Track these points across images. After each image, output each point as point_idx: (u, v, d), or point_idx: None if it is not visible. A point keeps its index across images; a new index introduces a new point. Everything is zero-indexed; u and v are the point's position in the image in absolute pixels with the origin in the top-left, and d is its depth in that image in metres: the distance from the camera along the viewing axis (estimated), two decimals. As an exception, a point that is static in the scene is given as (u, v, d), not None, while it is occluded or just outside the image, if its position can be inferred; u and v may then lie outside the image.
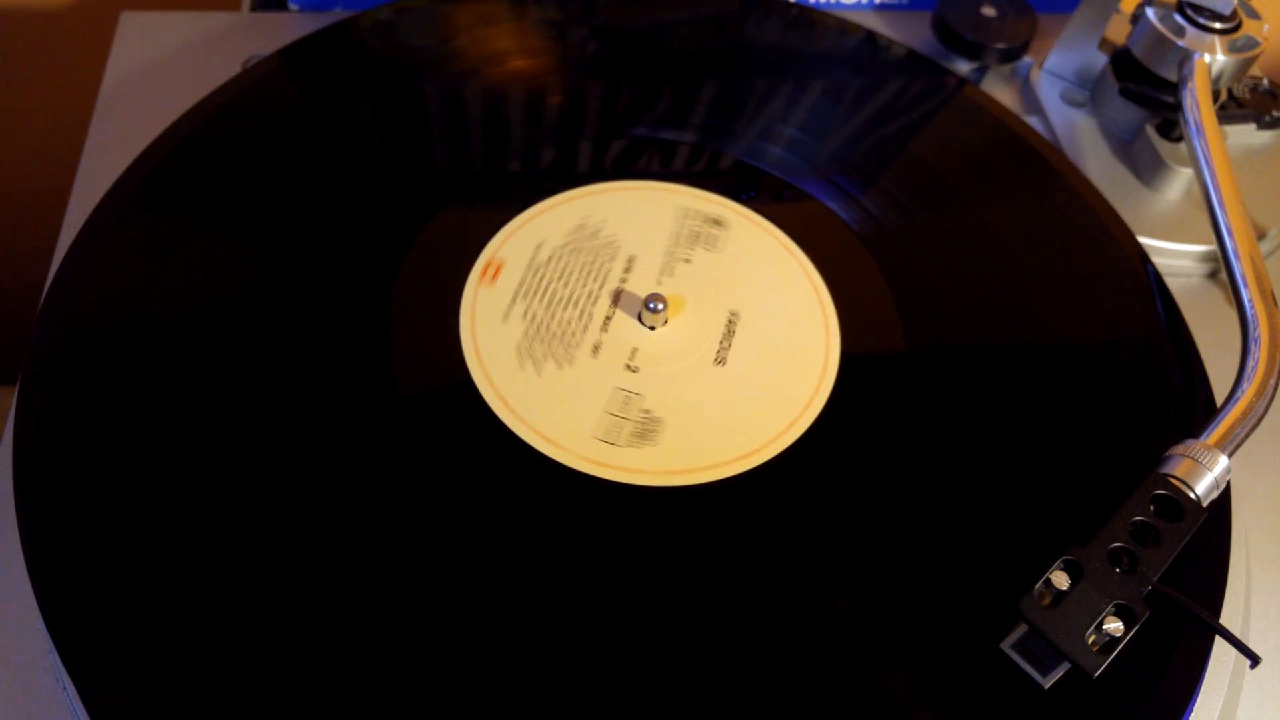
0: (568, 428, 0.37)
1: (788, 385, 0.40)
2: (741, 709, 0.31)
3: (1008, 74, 0.58)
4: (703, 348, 0.41)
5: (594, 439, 0.37)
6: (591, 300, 0.41)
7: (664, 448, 0.37)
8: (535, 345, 0.39)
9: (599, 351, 0.40)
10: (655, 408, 0.38)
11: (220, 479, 0.35)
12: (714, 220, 0.45)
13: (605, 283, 0.42)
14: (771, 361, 0.40)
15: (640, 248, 0.44)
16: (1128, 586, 0.31)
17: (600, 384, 0.39)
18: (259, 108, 0.47)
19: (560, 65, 0.52)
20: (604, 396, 0.38)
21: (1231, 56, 0.48)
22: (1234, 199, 0.43)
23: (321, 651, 0.31)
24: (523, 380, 0.38)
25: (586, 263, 0.43)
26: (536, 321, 0.40)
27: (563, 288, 0.41)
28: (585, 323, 0.40)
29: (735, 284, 0.43)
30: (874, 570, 0.35)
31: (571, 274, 0.42)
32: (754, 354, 0.41)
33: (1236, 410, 0.36)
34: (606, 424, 0.37)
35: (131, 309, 0.39)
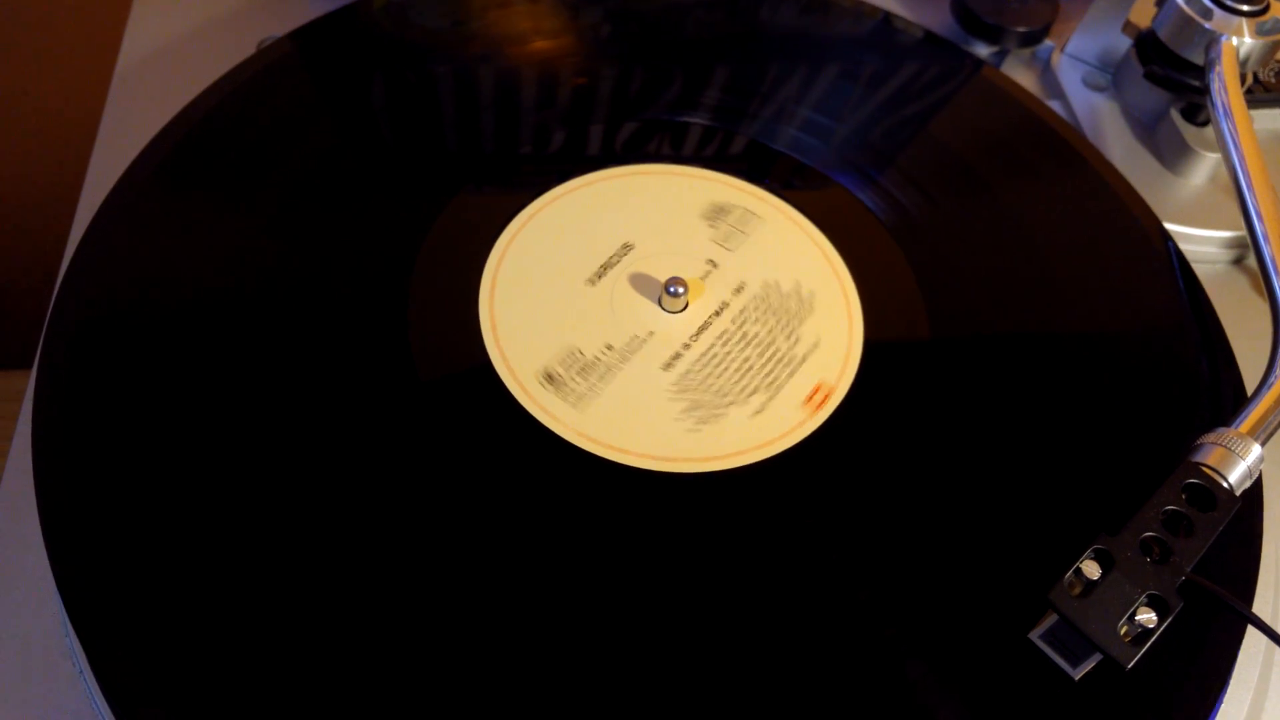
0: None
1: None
2: (764, 698, 0.31)
3: (1028, 58, 0.57)
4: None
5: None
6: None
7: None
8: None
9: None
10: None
11: (238, 459, 0.34)
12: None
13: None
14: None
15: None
16: (1161, 577, 0.31)
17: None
18: (273, 90, 0.46)
19: (576, 47, 0.51)
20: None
21: (1259, 39, 0.47)
22: (1264, 183, 0.42)
23: (342, 635, 0.31)
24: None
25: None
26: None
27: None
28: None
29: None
30: (899, 559, 0.34)
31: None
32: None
33: (1270, 397, 0.35)
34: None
35: (147, 292, 0.38)
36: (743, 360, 0.39)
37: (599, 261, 0.42)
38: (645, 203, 0.44)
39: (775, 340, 0.40)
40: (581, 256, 0.42)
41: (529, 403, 0.37)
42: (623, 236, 0.43)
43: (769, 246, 0.43)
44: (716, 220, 0.44)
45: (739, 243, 0.43)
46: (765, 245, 0.43)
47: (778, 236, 0.44)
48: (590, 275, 0.41)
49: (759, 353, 0.39)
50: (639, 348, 0.39)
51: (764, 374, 0.39)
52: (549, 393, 0.37)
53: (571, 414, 0.37)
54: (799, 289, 0.42)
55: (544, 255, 0.42)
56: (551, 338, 0.39)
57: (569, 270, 0.41)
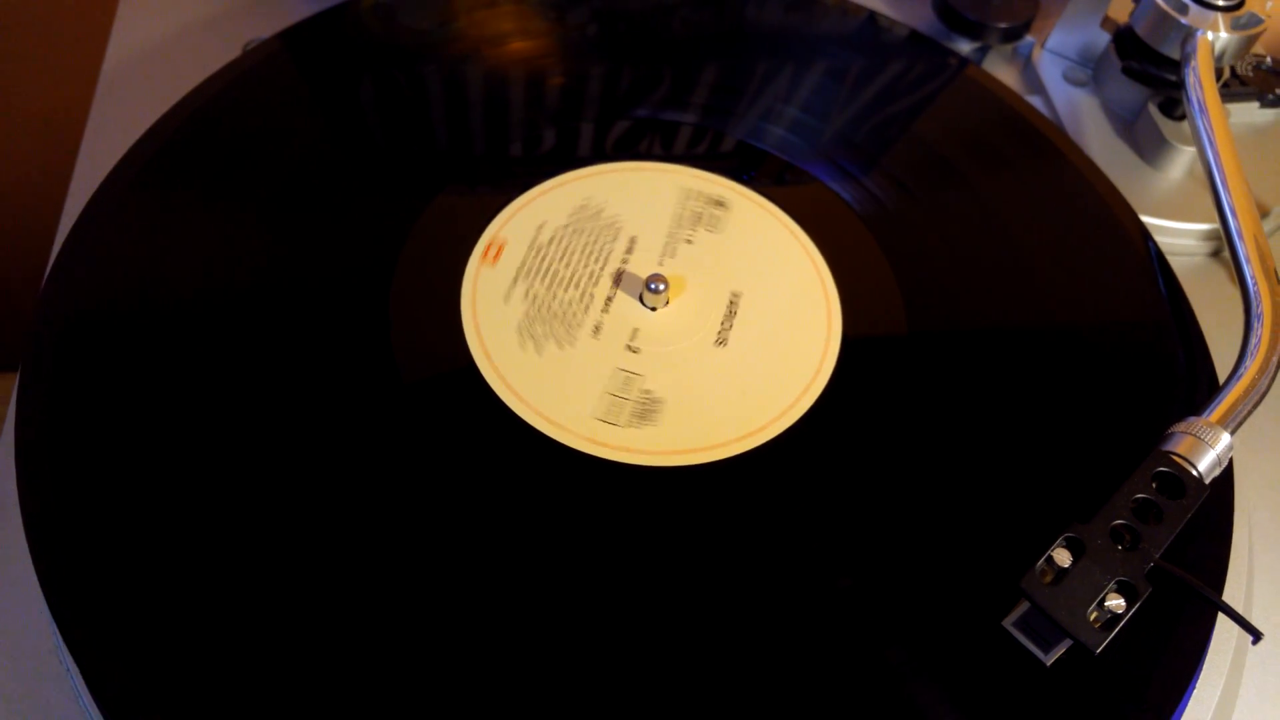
0: (568, 407, 0.37)
1: (789, 366, 0.40)
2: (743, 687, 0.31)
3: (1009, 54, 0.58)
4: (704, 329, 0.40)
5: (594, 419, 0.37)
6: (593, 281, 0.41)
7: (664, 428, 0.37)
8: (536, 325, 0.39)
9: (600, 332, 0.40)
10: (656, 388, 0.38)
11: (223, 460, 0.35)
12: (716, 201, 0.45)
13: (607, 263, 0.42)
14: (773, 343, 0.40)
15: (642, 228, 0.43)
16: (1130, 563, 0.31)
17: (601, 364, 0.39)
18: (260, 90, 0.46)
19: (560, 47, 0.51)
20: (604, 377, 0.38)
21: (1234, 34, 0.48)
22: (1237, 176, 0.42)
23: (325, 632, 0.31)
24: (523, 360, 0.38)
25: (588, 243, 0.42)
26: (538, 302, 0.40)
27: (564, 268, 0.41)
28: (586, 303, 0.40)
29: (737, 265, 0.43)
30: (876, 549, 0.35)
31: (573, 255, 0.42)
32: (755, 335, 0.41)
33: (1239, 387, 0.36)
34: (607, 404, 0.37)
35: (132, 293, 0.39)
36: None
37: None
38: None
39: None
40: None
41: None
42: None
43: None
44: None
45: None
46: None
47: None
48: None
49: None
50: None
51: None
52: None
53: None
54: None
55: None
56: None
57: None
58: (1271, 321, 0.37)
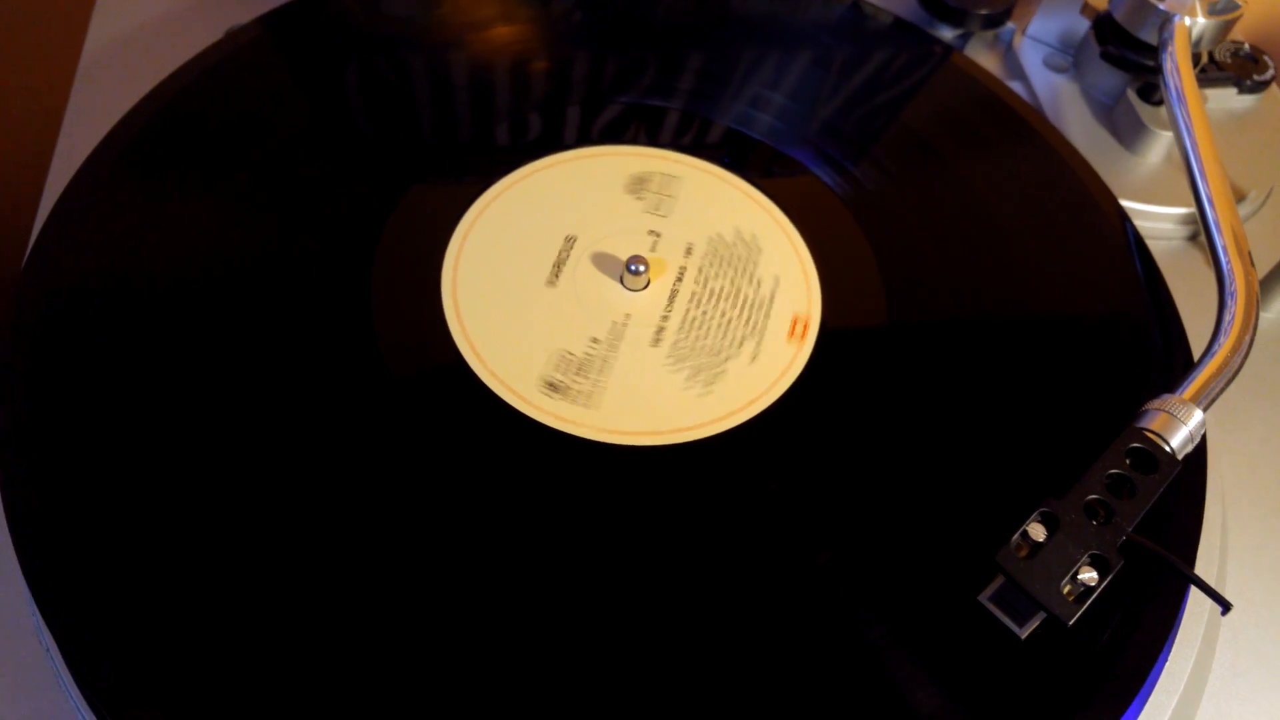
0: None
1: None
2: (726, 661, 0.32)
3: (991, 40, 0.58)
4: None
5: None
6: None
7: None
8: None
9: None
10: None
11: (204, 443, 0.35)
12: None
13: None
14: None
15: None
16: (1103, 537, 0.31)
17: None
18: (241, 75, 0.46)
19: (541, 34, 0.51)
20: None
21: (1211, 19, 0.48)
22: (1212, 159, 0.43)
23: (307, 619, 0.31)
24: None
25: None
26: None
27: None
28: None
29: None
30: (856, 526, 0.35)
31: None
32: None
33: (1212, 365, 0.36)
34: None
35: (111, 277, 0.39)
36: (720, 315, 0.40)
37: (549, 261, 0.42)
38: (571, 192, 0.44)
39: (741, 288, 0.41)
40: (530, 259, 0.42)
41: (539, 414, 0.37)
42: (562, 231, 0.43)
43: (699, 204, 0.44)
44: (641, 191, 0.45)
45: (670, 207, 0.44)
46: (694, 203, 0.44)
47: (703, 192, 0.45)
48: (547, 277, 0.41)
49: (731, 304, 0.41)
50: (622, 332, 0.40)
51: (744, 322, 0.40)
52: (558, 399, 0.37)
53: (586, 414, 0.37)
54: (741, 234, 0.43)
55: (493, 266, 0.41)
56: (537, 347, 0.39)
57: (524, 276, 0.41)
58: (1245, 299, 0.37)
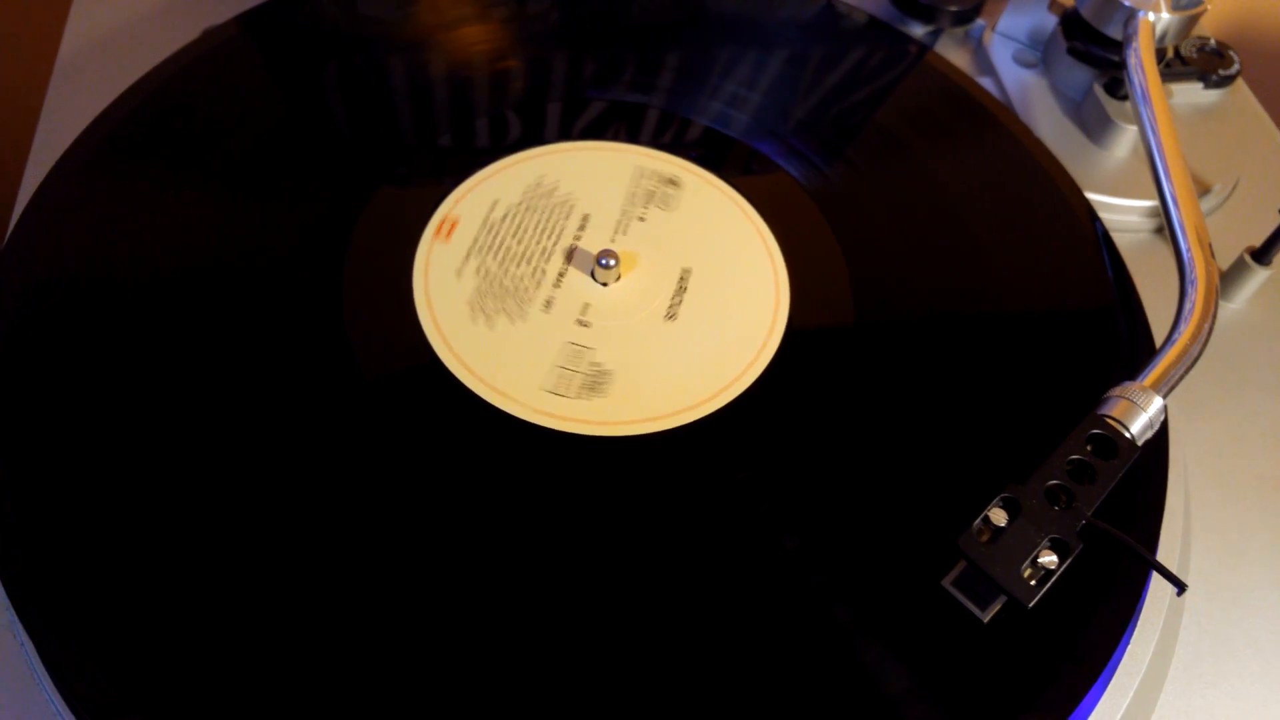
0: (518, 380, 0.38)
1: (738, 340, 0.40)
2: (696, 645, 0.32)
3: (961, 36, 0.59)
4: (654, 303, 0.41)
5: (544, 391, 0.37)
6: (545, 257, 0.42)
7: (613, 399, 0.38)
8: (488, 300, 0.40)
9: (551, 306, 0.40)
10: (605, 361, 0.39)
11: (177, 434, 0.35)
12: (669, 180, 0.46)
13: (559, 240, 0.42)
14: (723, 317, 0.41)
15: (595, 206, 0.44)
16: (1063, 521, 0.32)
17: (551, 338, 0.39)
18: (217, 73, 0.47)
19: (515, 30, 0.52)
20: (554, 350, 0.39)
21: (1176, 15, 0.49)
22: (1174, 151, 0.43)
23: (280, 609, 0.32)
24: (475, 333, 0.39)
25: (541, 220, 0.43)
26: (489, 277, 0.41)
27: (517, 244, 0.42)
28: (538, 279, 0.41)
29: (688, 242, 0.43)
30: (822, 514, 0.36)
31: (526, 231, 0.42)
32: (706, 310, 0.41)
33: (1173, 352, 0.36)
34: (556, 376, 0.38)
35: (86, 272, 0.39)
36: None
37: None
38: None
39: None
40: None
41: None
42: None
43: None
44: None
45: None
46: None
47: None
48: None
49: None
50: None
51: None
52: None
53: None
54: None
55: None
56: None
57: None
58: (1205, 287, 0.38)
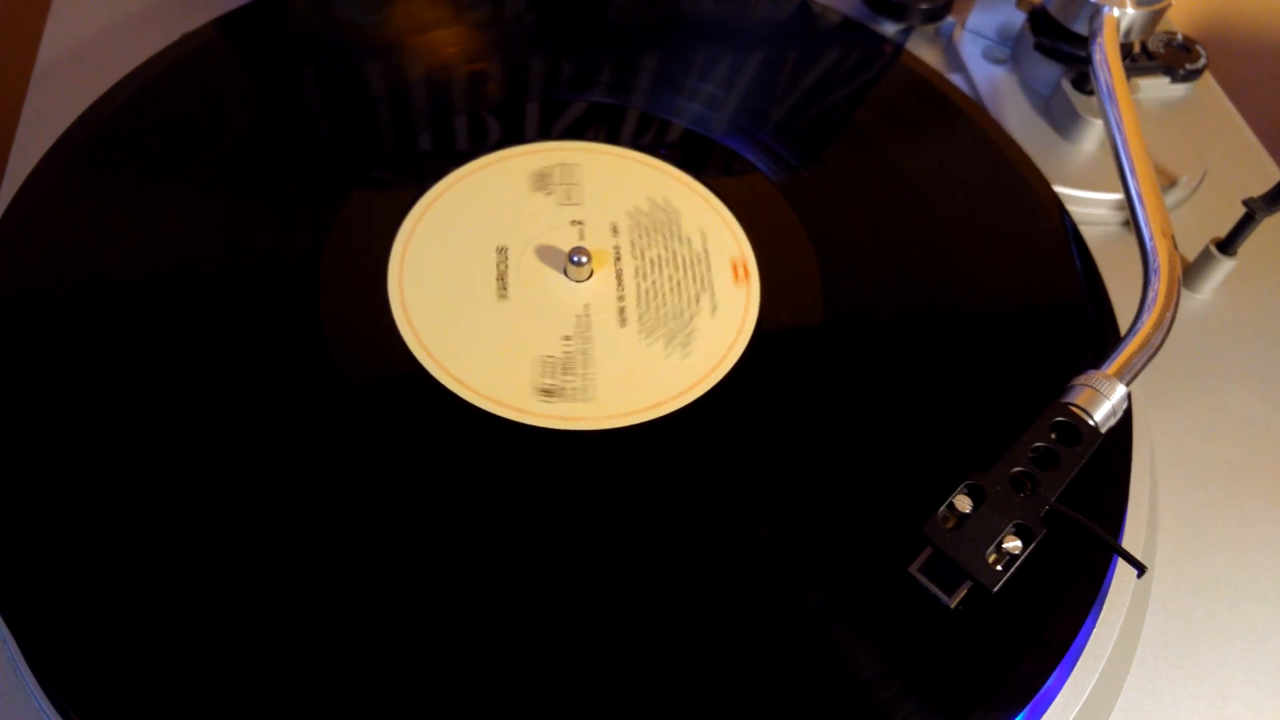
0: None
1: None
2: (674, 625, 0.33)
3: (932, 34, 0.59)
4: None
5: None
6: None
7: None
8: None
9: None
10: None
11: (157, 438, 0.35)
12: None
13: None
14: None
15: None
16: (1027, 507, 0.33)
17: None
18: (193, 76, 0.47)
19: (490, 34, 0.52)
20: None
21: (1140, 10, 0.50)
22: (1138, 142, 0.44)
23: (262, 607, 0.32)
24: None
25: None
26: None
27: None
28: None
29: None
30: (796, 503, 0.36)
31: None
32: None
33: (1136, 341, 0.37)
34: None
35: (63, 281, 0.39)
36: (669, 279, 0.42)
37: (491, 275, 0.42)
38: (484, 203, 0.45)
39: (675, 250, 0.43)
40: (472, 277, 0.42)
41: (544, 421, 0.38)
42: (491, 242, 0.43)
43: (605, 184, 0.46)
44: (548, 186, 0.46)
45: (580, 194, 0.45)
46: (602, 185, 0.46)
47: (606, 173, 0.46)
48: (495, 291, 0.41)
49: (674, 267, 0.43)
50: (588, 323, 0.41)
51: (693, 279, 0.42)
52: (556, 403, 0.38)
53: (588, 408, 0.38)
54: (654, 201, 0.45)
55: (438, 291, 0.41)
56: (514, 360, 0.39)
57: (473, 295, 0.41)
58: (1167, 277, 0.39)
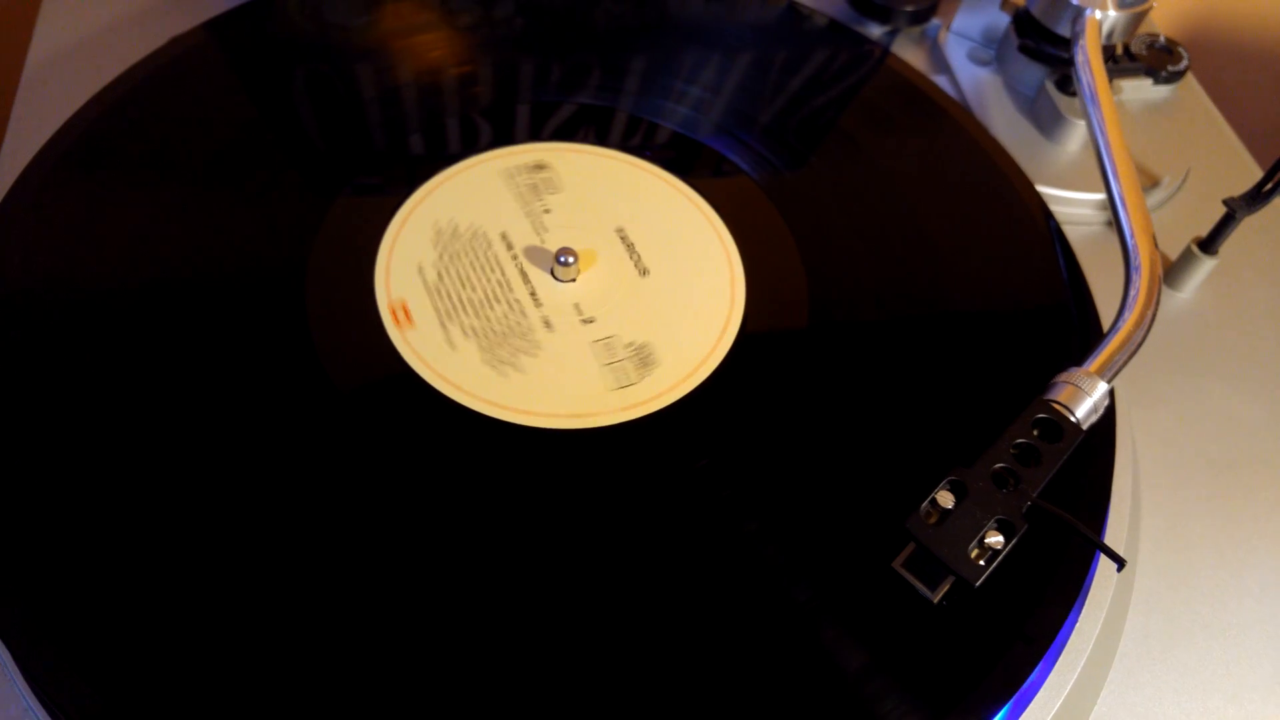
0: (587, 395, 0.39)
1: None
2: (669, 622, 0.33)
3: (918, 36, 0.60)
4: (623, 269, 0.43)
5: (613, 391, 0.39)
6: (507, 287, 0.42)
7: (667, 363, 0.40)
8: (498, 351, 0.40)
9: (551, 324, 0.41)
10: (633, 336, 0.41)
11: (145, 441, 0.36)
12: (535, 166, 0.47)
13: (503, 268, 0.43)
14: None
15: (502, 223, 0.44)
16: (1009, 502, 0.33)
17: (576, 347, 0.40)
18: (181, 80, 0.47)
19: (475, 38, 0.53)
20: (589, 355, 0.40)
21: (1122, 12, 0.50)
22: (1119, 140, 0.44)
23: (255, 609, 0.32)
24: (511, 383, 0.39)
25: (474, 262, 0.43)
26: (481, 333, 0.40)
27: (473, 292, 0.42)
28: (520, 309, 0.41)
29: (603, 207, 0.46)
30: (780, 500, 0.36)
31: (469, 277, 0.42)
32: (664, 253, 0.44)
33: (1117, 339, 0.38)
34: (612, 373, 0.40)
35: (52, 283, 0.39)
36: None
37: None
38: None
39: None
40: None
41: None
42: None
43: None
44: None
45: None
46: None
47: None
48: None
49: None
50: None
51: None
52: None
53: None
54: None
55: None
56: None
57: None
58: (1148, 274, 0.39)
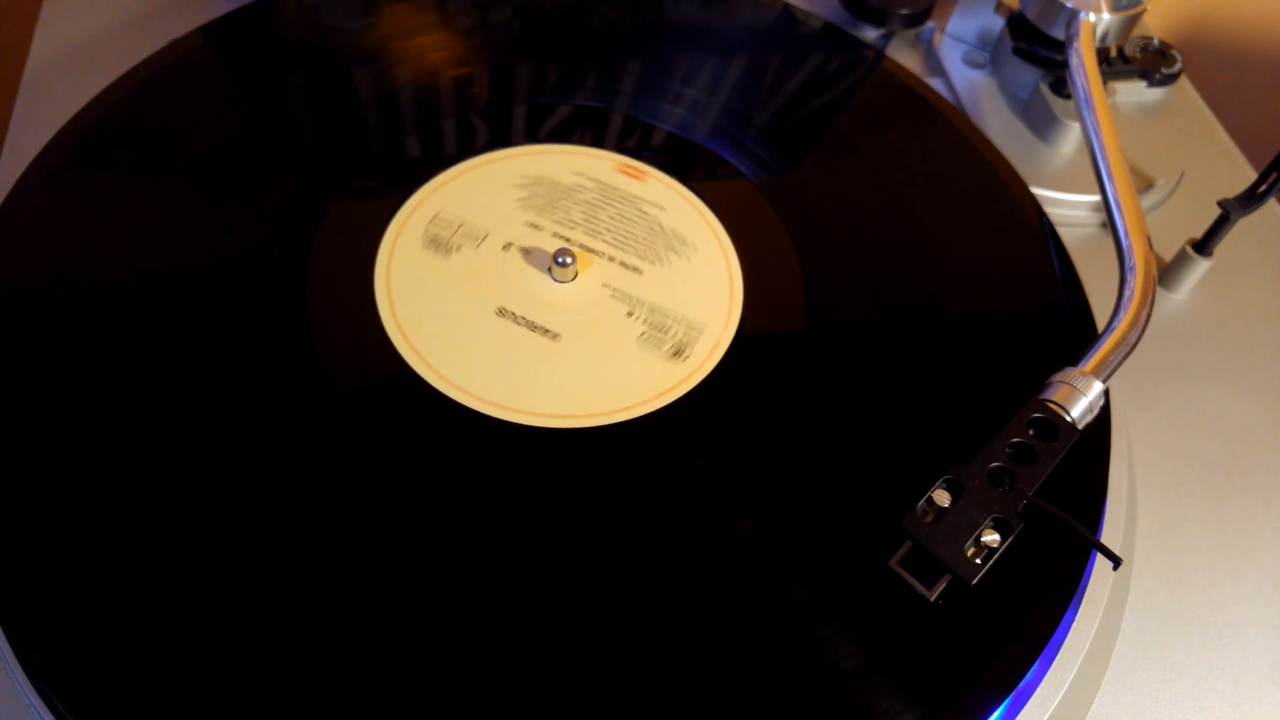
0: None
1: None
2: (666, 621, 0.33)
3: (913, 39, 0.60)
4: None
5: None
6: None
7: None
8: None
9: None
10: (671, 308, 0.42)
11: (146, 441, 0.36)
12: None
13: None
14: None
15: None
16: (1005, 501, 0.33)
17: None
18: (180, 82, 0.47)
19: (472, 40, 0.53)
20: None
21: (1116, 15, 0.50)
22: (1113, 142, 0.45)
23: (255, 607, 0.33)
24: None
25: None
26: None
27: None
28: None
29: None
30: (777, 499, 0.37)
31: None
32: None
33: (1112, 339, 0.38)
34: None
35: (54, 284, 0.40)
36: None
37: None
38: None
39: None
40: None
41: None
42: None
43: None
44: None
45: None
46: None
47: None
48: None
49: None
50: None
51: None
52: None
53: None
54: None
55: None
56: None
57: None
58: (1142, 275, 0.39)
